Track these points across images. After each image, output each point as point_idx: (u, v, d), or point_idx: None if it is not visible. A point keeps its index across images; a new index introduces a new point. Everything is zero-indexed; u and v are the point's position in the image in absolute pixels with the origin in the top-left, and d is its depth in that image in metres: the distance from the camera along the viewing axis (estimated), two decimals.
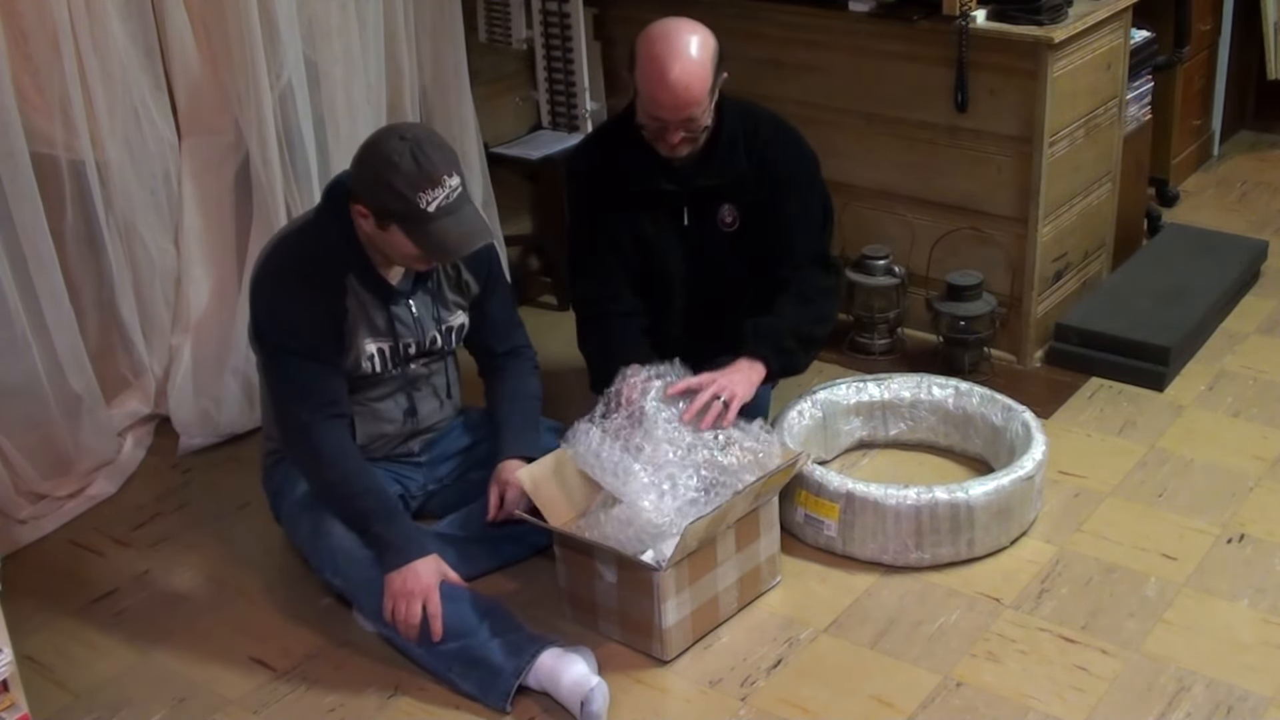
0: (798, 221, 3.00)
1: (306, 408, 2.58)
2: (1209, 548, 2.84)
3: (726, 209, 2.96)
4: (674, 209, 2.97)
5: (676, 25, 2.75)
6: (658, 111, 2.75)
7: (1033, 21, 3.23)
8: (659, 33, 2.74)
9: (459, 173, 2.49)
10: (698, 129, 2.80)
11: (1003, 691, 2.48)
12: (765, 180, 2.95)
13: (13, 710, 2.20)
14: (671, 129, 2.77)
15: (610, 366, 2.82)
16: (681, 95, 2.71)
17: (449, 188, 2.46)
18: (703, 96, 2.73)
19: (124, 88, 3.11)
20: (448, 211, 2.46)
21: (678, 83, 2.70)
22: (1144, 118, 4.00)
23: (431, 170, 2.44)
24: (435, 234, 2.47)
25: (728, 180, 2.93)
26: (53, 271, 3.03)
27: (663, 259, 3.01)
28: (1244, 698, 2.43)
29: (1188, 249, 3.94)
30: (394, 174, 2.42)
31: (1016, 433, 2.98)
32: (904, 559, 2.80)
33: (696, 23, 2.78)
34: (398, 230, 2.48)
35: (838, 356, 3.63)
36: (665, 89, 2.71)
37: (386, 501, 2.61)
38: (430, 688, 2.54)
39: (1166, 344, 3.41)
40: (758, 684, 2.53)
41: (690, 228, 2.98)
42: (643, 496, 2.52)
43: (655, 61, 2.71)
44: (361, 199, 2.50)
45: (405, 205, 2.44)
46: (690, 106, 2.73)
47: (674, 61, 2.69)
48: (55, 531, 3.08)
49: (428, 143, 2.47)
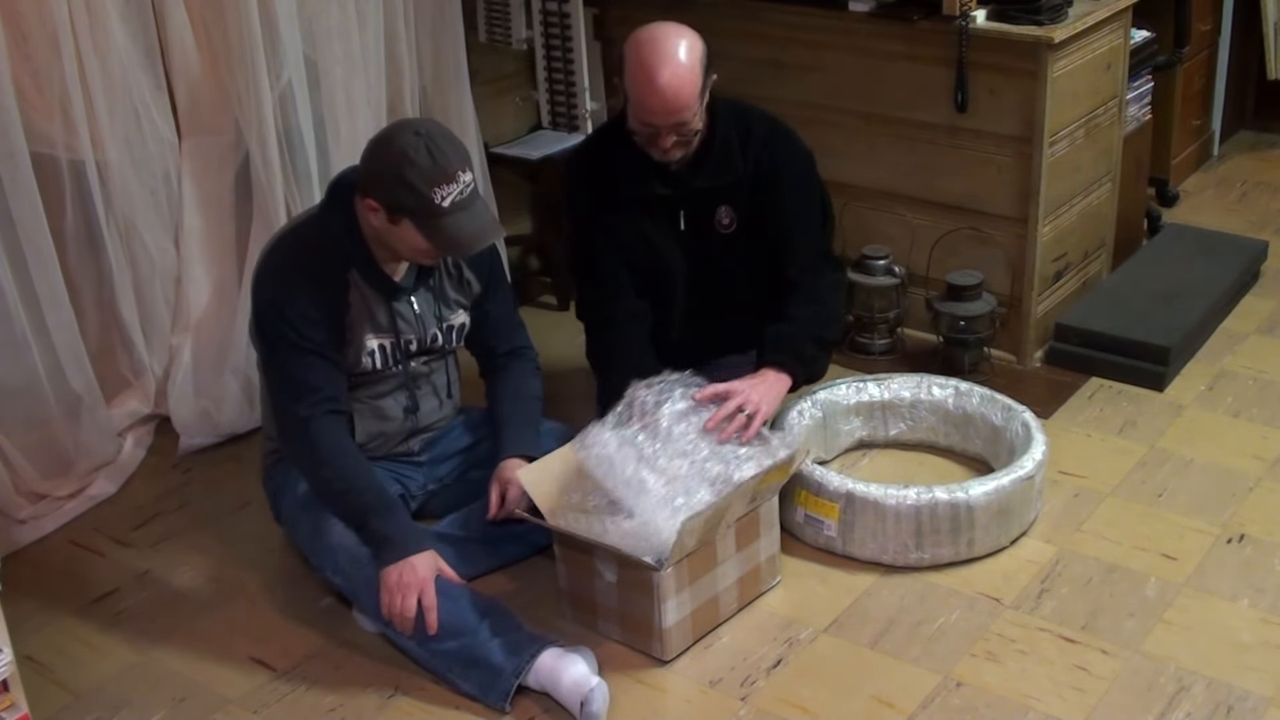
0: (798, 221, 3.00)
1: (305, 403, 2.58)
2: (1209, 548, 2.84)
3: (723, 211, 2.96)
4: (670, 213, 2.97)
5: (664, 30, 2.75)
6: (648, 117, 2.76)
7: (1033, 21, 3.23)
8: (646, 38, 2.74)
9: (471, 168, 2.51)
10: (689, 132, 2.80)
11: (1003, 691, 2.48)
12: (762, 181, 2.95)
13: (13, 710, 2.20)
14: (663, 134, 2.77)
15: (616, 379, 2.78)
16: (671, 100, 2.71)
17: (463, 183, 2.46)
18: (692, 100, 2.74)
19: (124, 88, 3.11)
20: (461, 207, 2.47)
21: (667, 87, 2.70)
22: (1144, 118, 4.00)
23: (446, 165, 2.44)
24: (448, 229, 2.47)
25: (723, 182, 2.93)
26: (53, 271, 3.03)
27: (662, 261, 3.01)
28: (1244, 698, 2.43)
29: (1187, 249, 3.94)
30: (409, 169, 2.43)
31: (1016, 433, 2.98)
32: (904, 559, 2.80)
33: (684, 26, 2.77)
34: (410, 225, 2.48)
35: (838, 356, 3.62)
36: (655, 94, 2.71)
37: (384, 497, 2.61)
38: (430, 688, 2.54)
39: (1166, 344, 3.41)
40: (758, 684, 2.53)
41: (687, 231, 2.98)
42: (657, 512, 2.49)
43: (644, 67, 2.71)
44: (373, 193, 2.50)
45: (420, 200, 2.44)
46: (680, 111, 2.73)
47: (662, 66, 2.69)
48: (55, 531, 3.08)
49: (442, 138, 2.48)
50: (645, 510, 2.50)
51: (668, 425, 2.64)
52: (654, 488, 2.53)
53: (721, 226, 2.97)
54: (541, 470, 2.65)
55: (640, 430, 2.62)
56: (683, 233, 2.98)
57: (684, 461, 2.59)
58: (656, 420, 2.64)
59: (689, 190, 2.93)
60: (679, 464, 2.59)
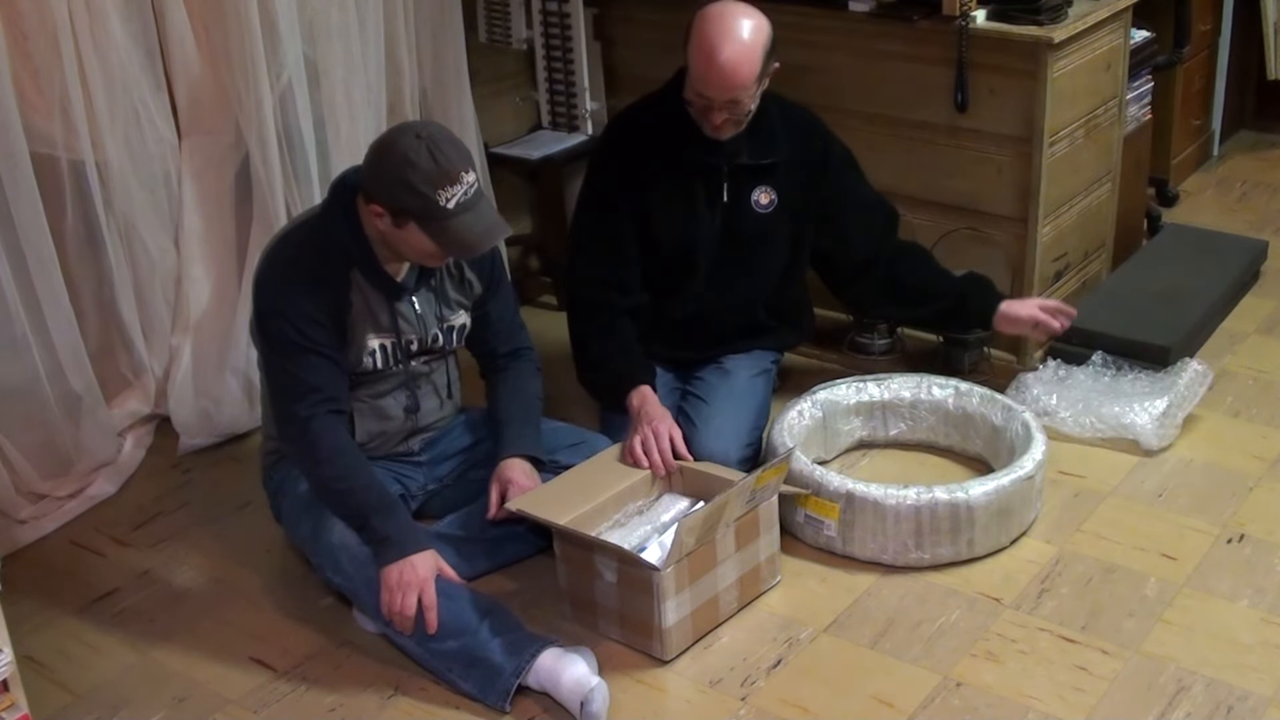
0: (863, 198, 3.15)
1: (305, 402, 2.58)
2: (1209, 548, 2.84)
3: (762, 190, 2.99)
4: (711, 184, 2.99)
5: (734, 7, 2.80)
6: (705, 90, 2.79)
7: (1033, 21, 3.23)
8: (715, 12, 2.79)
9: (474, 168, 2.51)
10: (741, 112, 2.83)
11: (1003, 691, 2.48)
12: (811, 171, 3.03)
13: (13, 710, 2.20)
14: (715, 109, 2.80)
15: (618, 382, 2.92)
16: (730, 77, 2.74)
17: (466, 184, 2.46)
18: (750, 81, 2.77)
19: (124, 88, 3.11)
20: (466, 208, 2.47)
21: (727, 64, 2.73)
22: (1144, 118, 4.00)
23: (449, 167, 2.44)
24: (455, 230, 2.47)
25: (769, 162, 2.97)
26: (53, 271, 3.03)
27: (688, 236, 3.01)
28: (1244, 698, 2.43)
29: (1188, 249, 3.94)
30: (412, 172, 2.43)
31: (1016, 433, 2.99)
32: (904, 559, 2.80)
33: (754, 8, 2.82)
34: (416, 228, 2.48)
35: (838, 356, 3.63)
36: (714, 69, 2.74)
37: (384, 496, 2.61)
38: (430, 688, 2.54)
39: (1166, 344, 3.41)
40: (758, 684, 2.54)
41: (728, 204, 3.00)
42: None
43: (707, 40, 2.75)
44: (377, 199, 2.49)
45: (424, 204, 2.44)
46: (736, 89, 2.76)
47: (726, 43, 2.73)
48: (55, 531, 3.08)
49: (443, 139, 2.47)
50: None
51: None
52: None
53: (759, 206, 2.99)
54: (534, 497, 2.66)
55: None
56: (723, 204, 3.00)
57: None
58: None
59: (734, 164, 2.96)
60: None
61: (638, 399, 2.88)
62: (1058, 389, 3.27)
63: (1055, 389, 3.27)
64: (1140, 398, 3.20)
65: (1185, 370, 3.27)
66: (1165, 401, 3.18)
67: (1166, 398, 3.19)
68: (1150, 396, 3.20)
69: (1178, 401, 3.20)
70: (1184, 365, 3.29)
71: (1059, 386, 3.29)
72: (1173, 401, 3.19)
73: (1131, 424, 3.15)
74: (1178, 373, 3.26)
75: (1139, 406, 3.17)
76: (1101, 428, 3.18)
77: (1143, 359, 3.41)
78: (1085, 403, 3.22)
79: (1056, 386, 3.28)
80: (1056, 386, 3.28)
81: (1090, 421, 3.18)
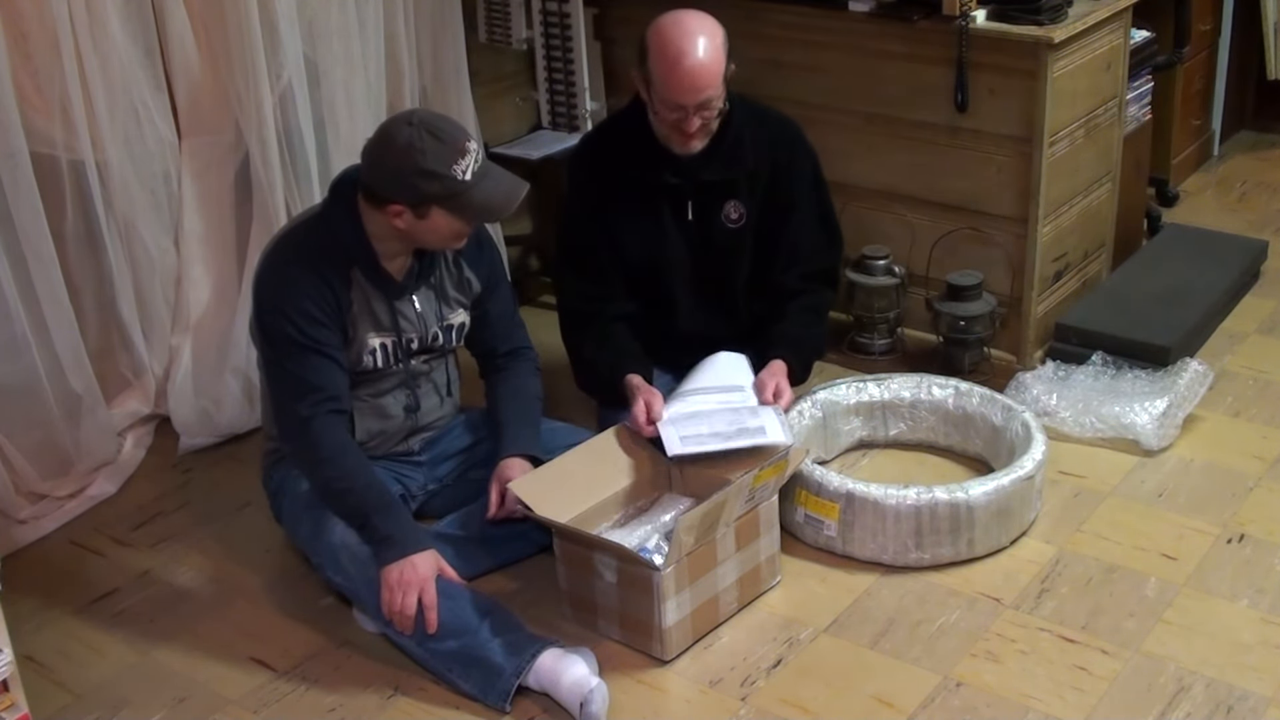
0: (809, 229, 3.08)
1: (306, 402, 2.58)
2: (1209, 548, 2.84)
3: (732, 205, 2.99)
4: (677, 203, 2.99)
5: (685, 14, 2.83)
6: (678, 97, 2.79)
7: (1033, 21, 3.23)
8: (670, 21, 2.81)
9: (472, 136, 2.54)
10: (714, 114, 2.83)
11: (1003, 691, 2.48)
12: (779, 180, 3.01)
13: (13, 710, 2.20)
14: (690, 115, 2.81)
15: (588, 351, 2.99)
16: (700, 77, 2.76)
17: (473, 152, 2.50)
18: (717, 79, 2.79)
19: (124, 88, 3.11)
20: (482, 175, 2.51)
21: (695, 65, 2.75)
22: (1144, 118, 3.99)
23: (453, 141, 2.47)
24: (478, 200, 2.50)
25: (733, 176, 2.97)
26: (53, 271, 3.03)
27: (663, 254, 3.02)
28: (1244, 698, 2.43)
29: (1188, 249, 3.94)
30: (422, 158, 2.44)
31: (1016, 433, 2.99)
32: (904, 559, 2.80)
33: (703, 12, 2.84)
34: (440, 213, 2.50)
35: (838, 356, 3.63)
36: (683, 72, 2.75)
37: (385, 495, 2.61)
38: (430, 688, 2.54)
39: (1166, 344, 3.41)
40: (758, 684, 2.54)
41: (694, 222, 2.99)
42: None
43: (670, 46, 2.76)
44: (393, 198, 2.50)
45: (443, 184, 2.46)
46: (707, 89, 2.78)
47: (688, 45, 2.75)
48: (55, 531, 3.08)
49: (435, 118, 2.52)
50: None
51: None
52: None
53: (729, 221, 3.00)
54: (535, 481, 2.66)
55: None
56: (689, 223, 2.99)
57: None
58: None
59: (698, 181, 2.95)
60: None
61: (634, 383, 2.88)
62: (1058, 389, 3.27)
63: (1055, 389, 3.27)
64: (1140, 398, 3.20)
65: (1185, 370, 3.27)
66: (1165, 401, 3.18)
67: (1166, 398, 3.19)
68: (1150, 396, 3.20)
69: (1178, 401, 3.20)
70: (1184, 365, 3.29)
71: (1059, 386, 3.29)
72: (1173, 401, 3.19)
73: (1131, 424, 3.15)
74: (1178, 373, 3.26)
75: (1139, 406, 3.17)
76: (1101, 428, 3.18)
77: (1143, 359, 3.40)
78: (1085, 403, 3.22)
79: (1056, 386, 3.29)
80: (1056, 386, 3.29)
81: (1090, 421, 3.19)
